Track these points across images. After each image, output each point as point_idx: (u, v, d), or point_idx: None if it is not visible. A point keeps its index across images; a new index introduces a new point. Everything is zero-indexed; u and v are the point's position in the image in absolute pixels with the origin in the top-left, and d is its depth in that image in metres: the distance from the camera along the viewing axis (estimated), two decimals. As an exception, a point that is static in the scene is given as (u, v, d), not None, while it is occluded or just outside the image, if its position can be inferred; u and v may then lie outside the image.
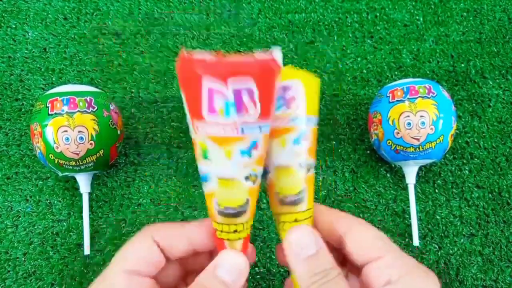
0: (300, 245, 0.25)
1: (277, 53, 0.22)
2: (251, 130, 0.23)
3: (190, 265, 0.29)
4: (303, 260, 0.25)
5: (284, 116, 0.27)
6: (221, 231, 0.25)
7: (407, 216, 0.45)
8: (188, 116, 0.24)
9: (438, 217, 0.46)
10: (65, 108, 0.40)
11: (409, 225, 0.45)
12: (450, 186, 0.46)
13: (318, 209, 0.28)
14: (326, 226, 0.27)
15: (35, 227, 0.45)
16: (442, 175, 0.47)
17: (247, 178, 0.24)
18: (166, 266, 0.26)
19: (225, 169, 0.24)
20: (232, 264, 0.25)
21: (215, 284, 0.24)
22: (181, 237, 0.26)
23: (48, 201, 0.46)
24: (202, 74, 0.21)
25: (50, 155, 0.40)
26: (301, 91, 0.27)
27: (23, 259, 0.44)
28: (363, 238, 0.26)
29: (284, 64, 0.25)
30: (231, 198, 0.25)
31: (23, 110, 0.49)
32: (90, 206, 0.45)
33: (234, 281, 0.24)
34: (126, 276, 0.24)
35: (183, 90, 0.23)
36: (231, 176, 0.24)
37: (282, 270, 0.44)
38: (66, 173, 0.42)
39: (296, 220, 0.27)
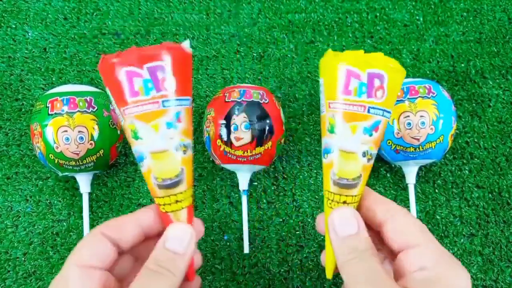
0: (343, 224, 0.27)
1: (185, 44, 0.28)
2: (171, 104, 0.27)
3: (143, 253, 0.29)
4: (344, 238, 0.27)
5: (364, 103, 0.29)
6: (164, 205, 0.28)
7: (407, 216, 0.45)
8: (116, 109, 0.28)
9: (438, 217, 0.46)
10: (65, 108, 0.40)
11: (409, 225, 0.45)
12: (450, 186, 0.46)
13: (365, 191, 0.30)
14: (370, 209, 0.29)
15: (35, 227, 0.45)
16: (442, 175, 0.47)
17: (177, 148, 0.27)
18: (119, 258, 0.28)
19: (155, 143, 0.27)
20: (179, 234, 0.27)
21: (167, 255, 0.26)
22: (130, 224, 0.28)
23: (48, 201, 0.46)
24: (117, 63, 0.26)
25: (50, 155, 0.40)
26: (387, 81, 0.29)
27: (23, 259, 0.44)
28: (404, 225, 0.27)
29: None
30: (166, 170, 0.27)
31: (23, 110, 0.49)
32: (90, 206, 0.45)
33: (184, 249, 0.26)
34: (79, 269, 0.25)
35: (108, 86, 0.28)
36: (162, 148, 0.27)
37: (282, 270, 0.44)
38: (66, 173, 0.42)
39: (345, 202, 0.29)
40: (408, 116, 0.41)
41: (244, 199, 0.43)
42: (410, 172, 0.44)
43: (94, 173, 0.44)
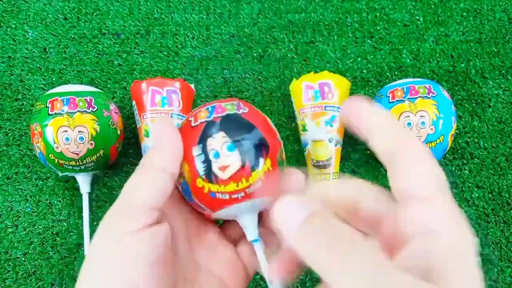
0: (287, 214, 0.19)
1: (191, 85, 0.45)
2: (175, 116, 0.43)
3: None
4: (298, 229, 0.18)
5: (321, 104, 0.43)
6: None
7: (407, 216, 0.45)
8: (137, 117, 0.44)
9: (438, 217, 0.46)
10: (65, 108, 0.40)
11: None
12: (450, 186, 0.46)
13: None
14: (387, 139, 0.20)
15: (35, 227, 0.45)
16: (442, 175, 0.47)
17: None
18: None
19: None
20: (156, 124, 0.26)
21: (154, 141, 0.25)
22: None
23: (48, 201, 0.46)
24: (149, 85, 0.43)
25: (50, 155, 0.40)
26: (333, 87, 0.43)
27: (23, 259, 0.44)
28: (420, 169, 0.19)
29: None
30: None
31: (23, 110, 0.49)
32: (90, 206, 0.45)
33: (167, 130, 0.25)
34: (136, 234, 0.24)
35: (135, 100, 0.44)
36: None
37: (282, 270, 0.44)
38: (66, 173, 0.42)
39: (325, 179, 0.38)
40: (408, 116, 0.41)
41: (258, 249, 0.29)
42: (410, 172, 0.44)
43: (94, 173, 0.44)
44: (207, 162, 0.26)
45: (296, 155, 0.47)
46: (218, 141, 0.26)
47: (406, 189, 0.19)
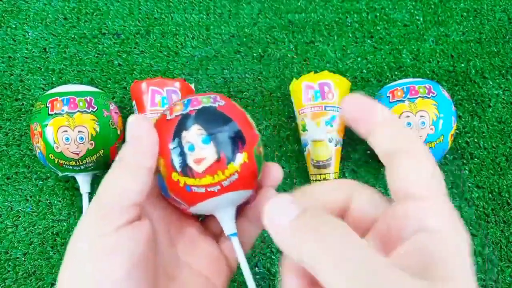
0: (278, 212, 0.19)
1: (191, 85, 0.45)
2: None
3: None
4: (289, 226, 0.18)
5: (320, 104, 0.43)
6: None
7: (407, 216, 0.45)
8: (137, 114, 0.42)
9: (438, 217, 0.46)
10: (65, 108, 0.40)
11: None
12: (450, 186, 0.46)
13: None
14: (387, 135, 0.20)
15: (35, 227, 0.45)
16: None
17: None
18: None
19: None
20: (132, 121, 0.25)
21: (125, 144, 0.25)
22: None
23: (48, 201, 0.46)
24: (149, 85, 0.43)
25: (50, 155, 0.40)
26: (333, 87, 0.43)
27: (23, 259, 0.44)
28: (419, 169, 0.19)
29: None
30: None
31: (23, 110, 0.49)
32: (90, 206, 0.45)
33: (143, 131, 0.25)
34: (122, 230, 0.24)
35: (135, 100, 0.44)
36: None
37: (282, 270, 0.44)
38: (66, 173, 0.42)
39: (325, 179, 0.39)
40: (408, 116, 0.41)
41: (235, 243, 0.29)
42: (410, 172, 0.44)
43: (94, 173, 0.44)
44: (182, 155, 0.26)
45: (296, 155, 0.47)
46: (193, 133, 0.26)
47: (404, 188, 0.19)
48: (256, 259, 0.45)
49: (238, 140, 0.26)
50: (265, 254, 0.45)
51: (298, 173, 0.47)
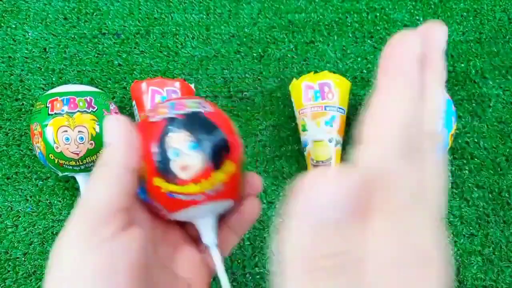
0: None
1: (191, 85, 0.45)
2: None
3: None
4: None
5: (320, 104, 0.43)
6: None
7: (407, 216, 0.45)
8: (137, 117, 0.44)
9: (438, 217, 0.46)
10: (65, 108, 0.40)
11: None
12: (450, 186, 0.46)
13: None
14: None
15: (35, 227, 0.45)
16: (442, 175, 0.47)
17: None
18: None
19: None
20: (109, 125, 0.24)
21: (105, 150, 0.24)
22: None
23: (48, 201, 0.46)
24: (149, 85, 0.43)
25: (50, 155, 0.40)
26: (333, 87, 0.43)
27: (23, 259, 0.44)
28: None
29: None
30: None
31: (23, 110, 0.49)
32: (90, 206, 0.45)
33: (116, 138, 0.23)
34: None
35: (135, 100, 0.43)
36: None
37: (282, 270, 0.44)
38: (66, 173, 0.42)
39: None
40: (408, 116, 0.41)
41: (214, 253, 0.28)
42: (410, 172, 0.44)
43: (94, 173, 0.44)
44: (166, 160, 0.24)
45: (296, 155, 0.47)
46: (180, 139, 0.24)
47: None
48: (256, 259, 0.45)
49: (224, 149, 0.25)
50: (265, 254, 0.45)
51: (298, 173, 0.47)
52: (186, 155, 0.24)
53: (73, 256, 0.21)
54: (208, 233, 0.27)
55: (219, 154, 0.25)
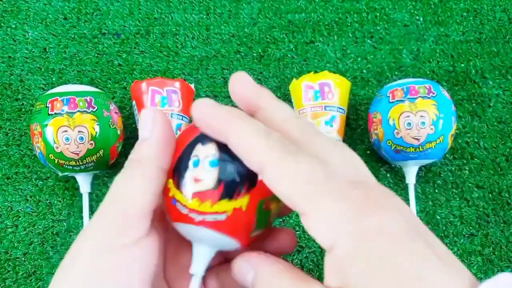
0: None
1: (191, 85, 0.45)
2: (174, 116, 0.43)
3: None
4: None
5: (320, 104, 0.43)
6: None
7: (407, 216, 0.45)
8: (137, 117, 0.45)
9: (438, 217, 0.46)
10: (65, 108, 0.40)
11: (409, 225, 0.45)
12: (450, 186, 0.46)
13: None
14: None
15: (35, 227, 0.45)
16: (442, 175, 0.47)
17: None
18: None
19: None
20: (143, 118, 0.22)
21: (137, 146, 0.22)
22: None
23: (48, 201, 0.46)
24: (149, 85, 0.43)
25: (50, 155, 0.40)
26: (333, 87, 0.43)
27: (23, 259, 0.44)
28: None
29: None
30: None
31: (23, 110, 0.49)
32: (90, 206, 0.45)
33: (149, 133, 0.22)
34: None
35: (135, 100, 0.44)
36: None
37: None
38: (66, 173, 0.42)
39: None
40: (408, 116, 0.41)
41: (194, 285, 0.25)
42: (410, 172, 0.44)
43: (94, 173, 0.44)
44: (185, 166, 0.23)
45: (296, 155, 0.47)
46: (205, 150, 0.23)
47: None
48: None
49: (246, 181, 0.22)
50: (265, 254, 0.45)
51: (298, 173, 0.47)
52: (203, 169, 0.22)
53: (90, 258, 0.20)
54: (197, 261, 0.25)
55: (237, 183, 0.22)
